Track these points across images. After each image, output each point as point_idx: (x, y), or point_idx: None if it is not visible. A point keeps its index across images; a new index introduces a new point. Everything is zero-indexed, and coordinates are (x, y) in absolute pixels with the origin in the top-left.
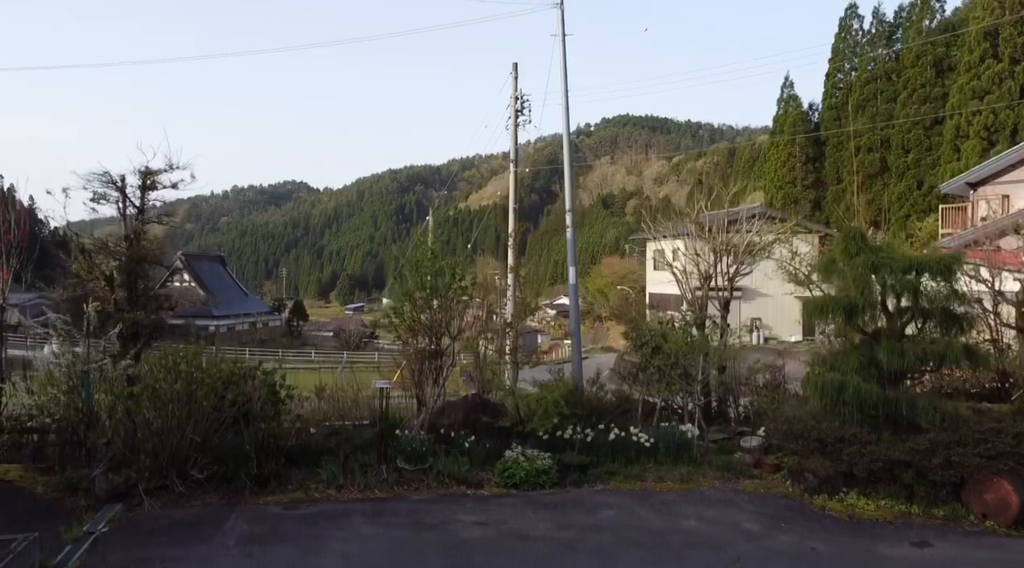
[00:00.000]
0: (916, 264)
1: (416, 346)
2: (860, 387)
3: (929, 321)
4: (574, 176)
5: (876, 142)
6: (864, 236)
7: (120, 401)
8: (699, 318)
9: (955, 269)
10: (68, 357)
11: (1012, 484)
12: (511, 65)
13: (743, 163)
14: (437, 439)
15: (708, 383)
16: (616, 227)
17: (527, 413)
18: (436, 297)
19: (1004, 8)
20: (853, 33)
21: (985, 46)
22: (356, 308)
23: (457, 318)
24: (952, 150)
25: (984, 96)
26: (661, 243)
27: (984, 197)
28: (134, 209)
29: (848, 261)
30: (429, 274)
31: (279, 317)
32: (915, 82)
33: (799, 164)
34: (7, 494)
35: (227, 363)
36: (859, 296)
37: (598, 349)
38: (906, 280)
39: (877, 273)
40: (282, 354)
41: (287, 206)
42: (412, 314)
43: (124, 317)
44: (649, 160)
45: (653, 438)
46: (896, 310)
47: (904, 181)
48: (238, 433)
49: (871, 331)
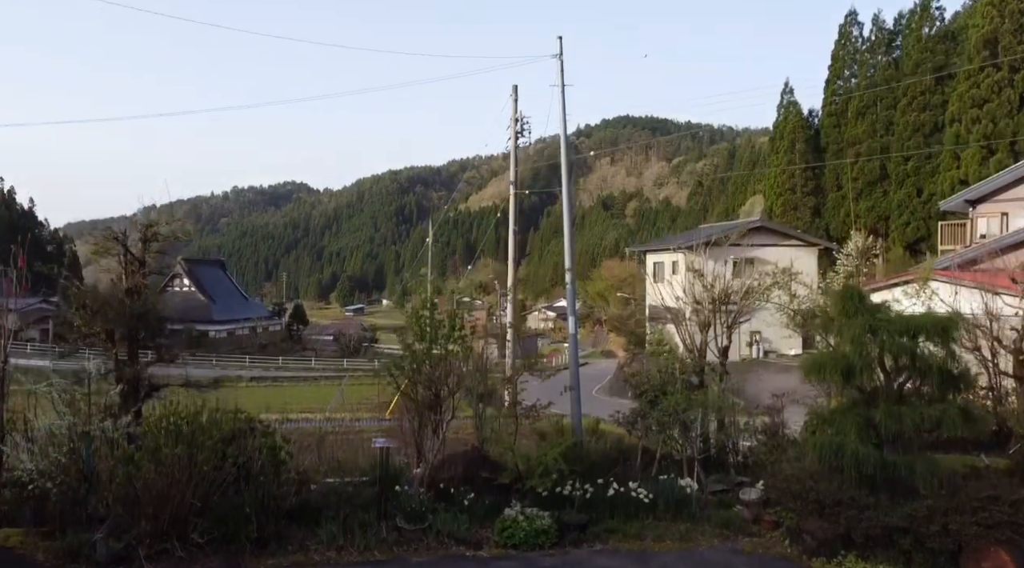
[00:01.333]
0: (913, 326)
1: (416, 395)
2: (858, 451)
3: (926, 381)
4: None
5: (876, 149)
6: (862, 295)
7: (121, 465)
8: (698, 366)
9: (952, 331)
10: (69, 418)
11: (1010, 554)
12: (511, 87)
13: (743, 165)
14: (437, 495)
15: (707, 432)
16: (616, 229)
17: (526, 469)
18: (435, 346)
19: (1003, 16)
20: (853, 40)
21: (985, 54)
22: (356, 309)
23: (456, 371)
24: (952, 158)
25: (984, 104)
26: (660, 255)
27: (983, 214)
28: (136, 262)
29: (846, 321)
30: (428, 326)
31: (279, 321)
32: (915, 90)
33: (799, 171)
34: (8, 563)
35: (228, 419)
36: (857, 358)
37: (598, 353)
38: (903, 344)
39: (874, 335)
40: (282, 361)
41: (287, 207)
42: (412, 365)
43: (124, 373)
44: (649, 161)
45: (652, 493)
46: (894, 369)
47: (904, 188)
48: (238, 492)
49: (869, 389)
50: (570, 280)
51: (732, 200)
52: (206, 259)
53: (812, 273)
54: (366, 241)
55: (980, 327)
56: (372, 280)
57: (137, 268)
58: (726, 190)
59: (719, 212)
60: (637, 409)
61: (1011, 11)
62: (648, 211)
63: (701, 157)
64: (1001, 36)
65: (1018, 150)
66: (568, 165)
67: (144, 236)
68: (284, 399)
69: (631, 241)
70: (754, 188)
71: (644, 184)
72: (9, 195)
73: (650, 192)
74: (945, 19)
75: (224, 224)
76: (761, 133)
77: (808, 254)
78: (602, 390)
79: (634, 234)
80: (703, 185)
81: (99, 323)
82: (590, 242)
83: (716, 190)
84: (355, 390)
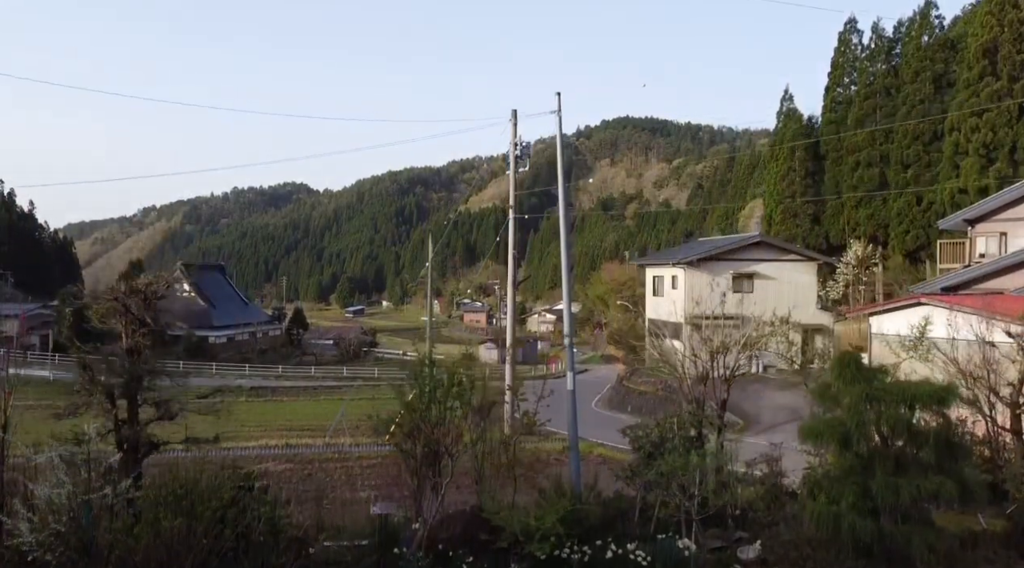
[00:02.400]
0: (910, 395)
1: (415, 451)
2: (855, 522)
3: (923, 449)
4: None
5: (876, 157)
6: (859, 362)
7: (120, 536)
8: (697, 418)
9: (948, 401)
10: (68, 486)
11: None
12: (511, 112)
13: (743, 169)
14: (436, 558)
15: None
16: (616, 231)
17: (525, 532)
18: (435, 404)
19: (1002, 26)
20: (852, 47)
21: (984, 63)
22: (356, 311)
23: (456, 432)
24: (951, 167)
25: (983, 113)
26: (660, 269)
27: (982, 233)
28: (136, 322)
29: (844, 387)
30: (428, 386)
31: (279, 326)
32: (914, 98)
33: (799, 178)
34: None
35: (227, 482)
36: (854, 427)
37: (598, 357)
38: (900, 415)
39: (872, 404)
40: (282, 370)
41: (287, 208)
42: (412, 421)
43: (124, 434)
44: (649, 163)
45: (650, 556)
46: (891, 435)
47: (903, 197)
48: (237, 559)
49: (866, 455)
50: (568, 335)
51: (732, 203)
52: (206, 264)
53: (812, 287)
54: (366, 242)
55: (978, 378)
56: (372, 281)
57: (138, 327)
58: (726, 193)
59: (719, 215)
60: (636, 461)
61: (1010, 20)
62: (648, 213)
63: (701, 159)
64: (1000, 45)
65: (1018, 159)
66: (567, 220)
67: (145, 295)
68: (285, 415)
69: (631, 243)
70: (754, 192)
71: (644, 185)
72: (9, 197)
73: (650, 194)
74: (944, 27)
75: (224, 225)
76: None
77: (807, 268)
78: (601, 401)
79: (634, 236)
80: (703, 187)
81: (99, 388)
82: (590, 244)
83: (716, 193)
84: (355, 406)
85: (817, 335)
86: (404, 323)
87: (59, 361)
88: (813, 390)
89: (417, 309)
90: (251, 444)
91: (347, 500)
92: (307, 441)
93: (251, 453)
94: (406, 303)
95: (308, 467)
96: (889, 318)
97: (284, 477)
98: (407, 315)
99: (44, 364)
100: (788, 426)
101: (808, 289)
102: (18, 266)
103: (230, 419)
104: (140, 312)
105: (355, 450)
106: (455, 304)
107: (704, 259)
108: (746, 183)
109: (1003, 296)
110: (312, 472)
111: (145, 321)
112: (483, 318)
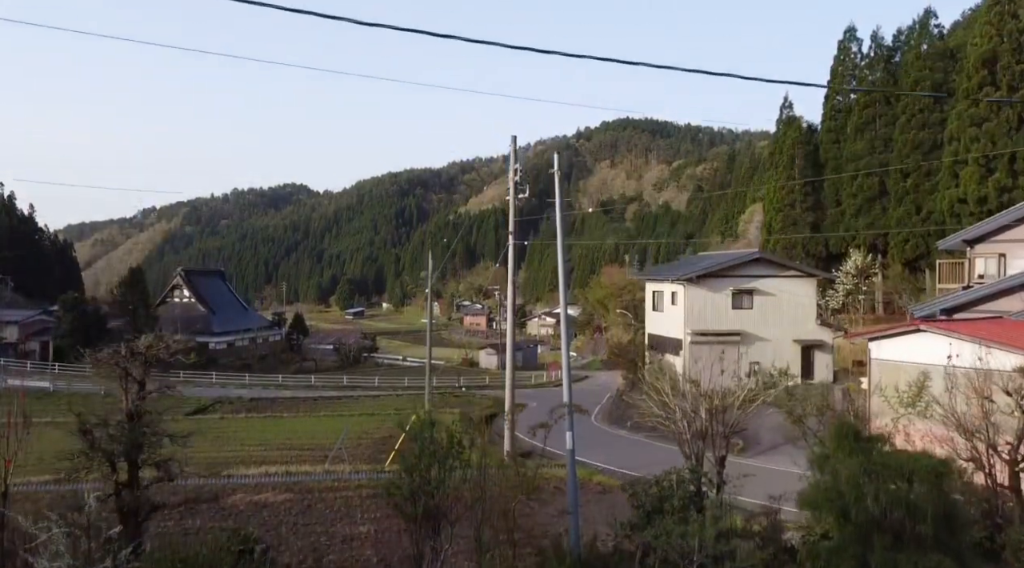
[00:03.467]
0: (908, 470)
1: (415, 514)
2: None
3: (922, 522)
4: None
5: (875, 166)
6: (858, 433)
7: None
8: (696, 473)
9: (946, 477)
10: (68, 559)
11: None
12: (511, 138)
13: (743, 172)
14: None
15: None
16: (616, 233)
17: None
18: (435, 464)
19: (1002, 36)
20: (852, 55)
21: (983, 74)
22: (356, 312)
23: (458, 499)
24: (951, 176)
25: (983, 123)
26: (660, 285)
27: (981, 254)
28: (136, 386)
29: (842, 458)
30: (428, 450)
31: (279, 331)
32: (913, 107)
33: (798, 186)
34: None
35: (228, 553)
36: (853, 501)
37: (598, 361)
38: (898, 492)
39: (870, 477)
40: (282, 379)
41: (287, 209)
42: (412, 485)
43: (123, 500)
44: (649, 164)
45: None
46: (889, 508)
47: (903, 206)
48: None
49: (865, 526)
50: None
51: (731, 207)
52: (206, 269)
53: (811, 303)
54: (366, 244)
55: (975, 433)
56: (372, 283)
57: (137, 392)
58: (726, 196)
59: (719, 219)
60: (635, 518)
61: (1009, 31)
62: (648, 215)
63: (701, 161)
64: (1000, 55)
65: (1017, 170)
66: (565, 271)
67: (145, 358)
68: (285, 433)
69: (631, 245)
70: (753, 195)
71: (644, 187)
72: (9, 201)
73: (650, 196)
74: (944, 34)
75: (224, 226)
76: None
77: (807, 284)
78: (602, 414)
79: (634, 238)
80: (703, 190)
81: (100, 453)
82: (590, 247)
83: (716, 196)
84: (355, 423)
85: (817, 351)
86: (404, 325)
87: (59, 370)
88: (812, 459)
89: (417, 311)
90: (251, 472)
91: (347, 536)
92: (307, 469)
93: (251, 481)
94: (406, 305)
95: (308, 497)
96: (889, 343)
97: (284, 508)
98: (407, 317)
99: (44, 373)
100: (787, 447)
101: (807, 305)
102: (18, 269)
103: (232, 439)
104: (141, 376)
105: (355, 477)
106: (455, 306)
107: (704, 276)
108: (746, 187)
109: (1003, 321)
110: (312, 503)
111: (144, 383)
112: (483, 321)
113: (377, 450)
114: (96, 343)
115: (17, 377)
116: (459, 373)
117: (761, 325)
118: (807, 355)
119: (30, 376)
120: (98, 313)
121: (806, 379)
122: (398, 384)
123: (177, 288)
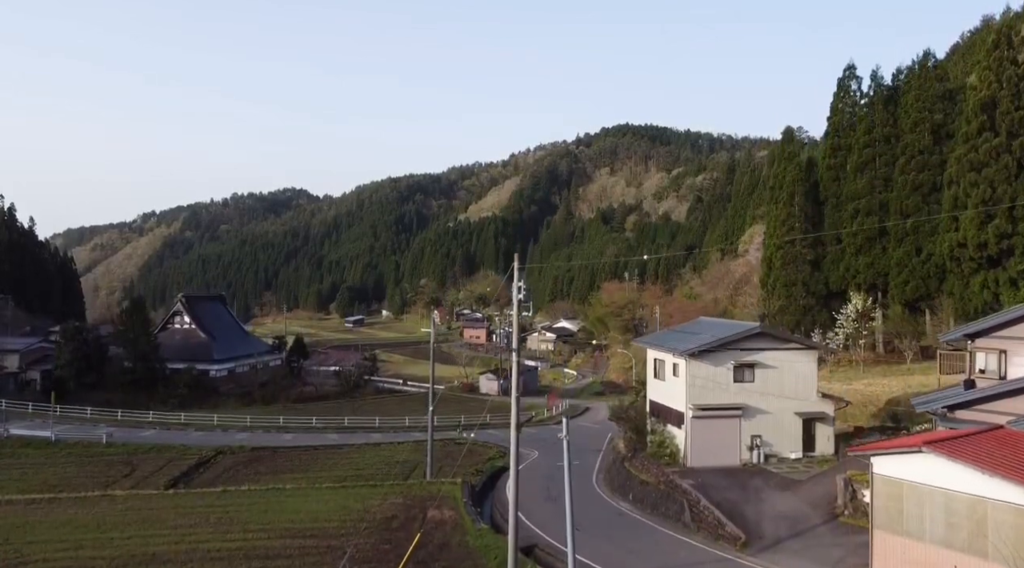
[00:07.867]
0: None
1: None
2: None
3: None
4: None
5: (875, 205)
6: None
7: None
8: None
9: None
10: None
11: None
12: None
13: (743, 188)
14: None
15: None
16: (616, 243)
17: None
18: None
19: (1000, 82)
20: (852, 93)
21: (983, 118)
22: (356, 320)
23: None
24: (951, 220)
25: (982, 169)
26: (662, 354)
27: (981, 349)
28: None
29: None
30: None
31: (279, 356)
32: (913, 148)
33: (798, 223)
34: None
35: None
36: None
37: (598, 382)
38: None
39: None
40: (283, 421)
41: (287, 215)
42: None
43: None
44: (649, 172)
45: None
46: None
47: (903, 246)
48: None
49: None
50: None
51: (731, 223)
52: (206, 295)
53: (812, 376)
54: (366, 250)
55: None
56: (372, 290)
57: None
58: (725, 211)
59: (718, 235)
60: None
61: (1008, 77)
62: (647, 226)
63: (701, 170)
64: (999, 101)
65: (1017, 216)
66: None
67: None
68: (287, 514)
69: (631, 255)
70: (753, 213)
71: (644, 196)
72: (10, 214)
73: (649, 205)
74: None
75: (224, 231)
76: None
77: (807, 357)
78: (602, 477)
79: (634, 250)
80: (703, 200)
81: None
82: (589, 256)
83: (716, 209)
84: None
85: (819, 423)
86: (404, 334)
87: (60, 411)
88: None
89: (417, 319)
90: None
91: None
92: None
93: None
94: (406, 313)
95: None
96: (892, 461)
97: None
98: (407, 325)
99: (46, 415)
100: (790, 543)
101: (808, 378)
102: (19, 283)
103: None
104: None
105: None
106: (455, 315)
107: (706, 351)
108: (746, 203)
109: (1004, 434)
110: None
111: None
112: (483, 334)
113: (381, 540)
114: (97, 371)
115: (18, 421)
116: (459, 401)
117: (762, 398)
118: (808, 428)
119: (31, 419)
120: (99, 341)
121: (807, 452)
122: (399, 425)
123: (178, 315)
